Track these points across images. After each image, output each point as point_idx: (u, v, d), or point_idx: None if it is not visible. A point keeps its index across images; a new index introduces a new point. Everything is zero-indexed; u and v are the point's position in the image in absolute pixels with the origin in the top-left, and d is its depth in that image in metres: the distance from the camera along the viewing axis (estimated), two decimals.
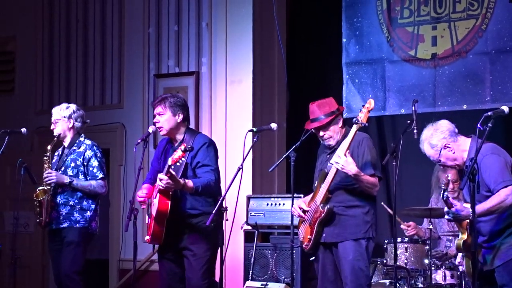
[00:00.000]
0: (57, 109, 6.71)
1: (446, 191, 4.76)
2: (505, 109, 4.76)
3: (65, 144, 6.70)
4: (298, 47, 8.52)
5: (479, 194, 4.82)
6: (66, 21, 9.36)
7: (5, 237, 8.51)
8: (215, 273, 5.88)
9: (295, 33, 8.57)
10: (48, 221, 6.52)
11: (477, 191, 4.74)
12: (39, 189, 6.51)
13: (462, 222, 5.04)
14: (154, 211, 5.68)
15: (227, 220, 6.06)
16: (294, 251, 6.35)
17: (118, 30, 8.99)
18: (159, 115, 5.85)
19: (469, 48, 7.48)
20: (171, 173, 5.46)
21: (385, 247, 6.68)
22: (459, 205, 4.86)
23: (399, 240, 6.54)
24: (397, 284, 6.27)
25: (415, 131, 5.48)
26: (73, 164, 6.58)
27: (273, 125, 5.98)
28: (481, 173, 4.85)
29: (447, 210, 4.87)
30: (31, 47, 9.54)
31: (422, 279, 6.54)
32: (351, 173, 5.41)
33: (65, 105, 6.74)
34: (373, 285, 6.47)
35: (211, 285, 5.81)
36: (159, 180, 5.53)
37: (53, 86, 9.40)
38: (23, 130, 6.89)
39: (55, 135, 6.64)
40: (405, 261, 6.54)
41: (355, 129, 5.45)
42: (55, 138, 6.63)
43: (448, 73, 7.57)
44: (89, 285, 6.69)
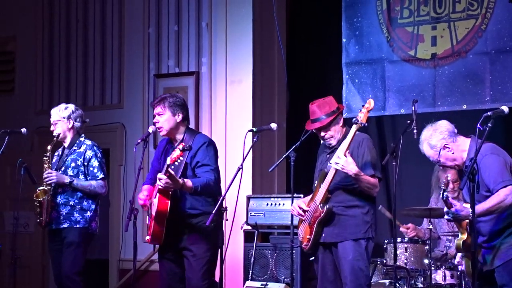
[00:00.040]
0: (56, 110, 6.69)
1: (445, 191, 4.76)
2: (505, 109, 4.76)
3: (65, 144, 6.69)
4: (298, 47, 8.52)
5: (479, 194, 4.82)
6: (66, 21, 9.36)
7: (5, 237, 8.51)
8: (215, 273, 5.88)
9: (295, 33, 8.57)
10: (48, 221, 6.51)
11: (477, 191, 4.74)
12: (39, 189, 6.51)
13: (461, 222, 5.04)
14: (153, 211, 5.68)
15: (227, 220, 6.05)
16: (294, 251, 6.34)
17: (118, 30, 8.99)
18: (158, 115, 5.85)
19: (469, 48, 7.47)
20: (170, 172, 5.46)
21: (385, 247, 6.68)
22: (459, 205, 4.86)
23: (399, 240, 6.54)
24: (397, 284, 6.27)
25: (415, 131, 5.48)
26: (73, 164, 6.57)
27: (273, 125, 5.98)
28: (481, 173, 4.85)
29: (446, 210, 4.87)
30: (31, 47, 9.54)
31: (422, 279, 6.54)
32: (351, 173, 5.41)
33: (63, 106, 6.72)
34: (373, 285, 6.47)
35: (211, 286, 5.80)
36: (159, 179, 5.53)
37: (53, 86, 9.39)
38: (23, 130, 6.88)
39: (54, 135, 6.64)
40: (405, 261, 6.54)
41: (354, 129, 5.44)
42: (55, 138, 6.62)
43: (448, 73, 7.57)
44: (89, 285, 6.69)
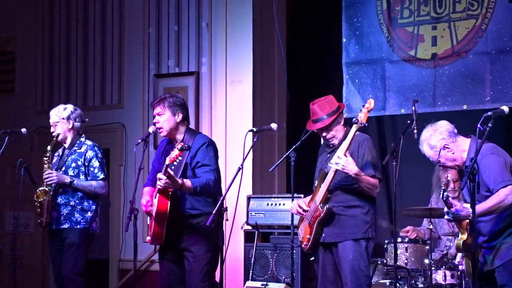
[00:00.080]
0: (55, 111, 6.67)
1: (446, 191, 4.75)
2: (505, 109, 4.76)
3: (66, 145, 6.68)
4: (298, 47, 8.52)
5: (479, 194, 4.82)
6: (66, 21, 9.35)
7: (5, 237, 8.50)
8: (216, 273, 5.88)
9: (295, 33, 8.57)
10: (48, 221, 6.51)
11: (477, 191, 4.74)
12: (40, 189, 6.50)
13: (462, 222, 5.04)
14: (154, 211, 5.68)
15: (227, 220, 6.05)
16: (294, 251, 6.35)
17: (118, 30, 8.98)
18: (158, 115, 5.84)
19: (469, 48, 7.47)
20: (169, 172, 5.46)
21: (385, 247, 6.68)
22: (459, 205, 4.86)
23: (399, 240, 6.54)
24: (397, 284, 6.27)
25: (415, 131, 5.48)
26: (74, 164, 6.57)
27: (273, 125, 5.98)
28: (481, 173, 4.85)
29: (446, 210, 4.87)
30: (31, 47, 9.54)
31: (422, 279, 6.54)
32: (352, 173, 5.41)
33: (62, 107, 6.70)
34: (373, 285, 6.47)
35: (211, 287, 5.79)
36: (158, 179, 5.53)
37: (53, 86, 9.39)
38: (23, 130, 6.88)
39: (54, 135, 6.63)
40: (405, 261, 6.54)
41: (355, 129, 5.44)
42: (54, 138, 6.62)
43: (448, 73, 7.57)
44: (89, 285, 6.68)
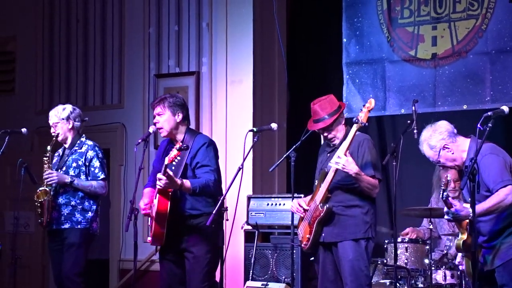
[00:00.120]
0: (54, 112, 6.67)
1: (445, 191, 4.75)
2: (505, 109, 4.76)
3: (66, 145, 6.68)
4: (298, 47, 8.52)
5: (479, 194, 4.82)
6: (66, 21, 9.35)
7: (5, 237, 8.49)
8: (216, 273, 5.88)
9: (295, 33, 8.57)
10: (49, 221, 6.51)
11: (477, 191, 4.74)
12: (40, 189, 6.50)
13: (461, 222, 5.04)
14: (154, 212, 5.68)
15: (227, 220, 6.05)
16: (294, 251, 6.35)
17: (118, 30, 8.98)
18: (158, 115, 5.84)
19: (469, 48, 7.47)
20: (168, 172, 5.45)
21: (385, 247, 6.68)
22: (459, 205, 4.86)
23: (399, 240, 6.54)
24: (397, 284, 6.26)
25: (415, 131, 5.48)
26: (74, 164, 6.57)
27: (273, 125, 5.98)
28: (481, 173, 4.85)
29: (446, 210, 4.87)
30: (31, 47, 9.53)
31: (422, 279, 6.54)
32: (352, 173, 5.41)
33: (61, 107, 6.70)
34: (374, 285, 6.46)
35: (211, 287, 5.79)
36: (158, 180, 5.52)
37: (53, 86, 9.39)
38: (23, 130, 6.87)
39: (54, 135, 6.63)
40: (405, 261, 6.54)
41: (355, 128, 5.44)
42: (54, 138, 6.61)
43: (448, 73, 7.57)
44: (89, 285, 6.68)
